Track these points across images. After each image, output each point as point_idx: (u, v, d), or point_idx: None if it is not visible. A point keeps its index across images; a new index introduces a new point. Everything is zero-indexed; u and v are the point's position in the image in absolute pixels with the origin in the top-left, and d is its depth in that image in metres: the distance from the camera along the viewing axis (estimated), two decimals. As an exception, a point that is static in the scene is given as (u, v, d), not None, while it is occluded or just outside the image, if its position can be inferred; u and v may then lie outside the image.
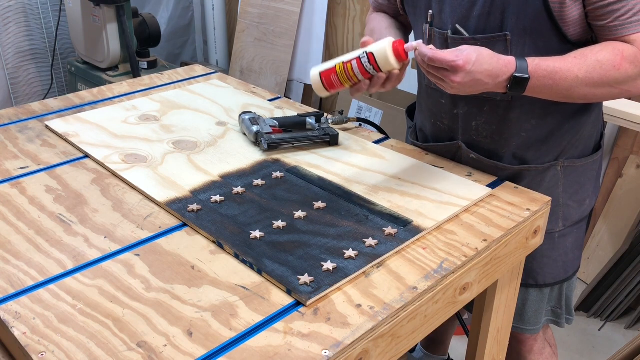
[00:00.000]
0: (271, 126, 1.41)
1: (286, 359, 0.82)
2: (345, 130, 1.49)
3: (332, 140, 1.40)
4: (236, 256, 1.02)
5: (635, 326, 2.29)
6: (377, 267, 1.00)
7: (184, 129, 1.49)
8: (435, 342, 1.90)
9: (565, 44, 1.14)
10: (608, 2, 1.07)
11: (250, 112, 1.47)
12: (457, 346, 2.04)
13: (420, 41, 1.08)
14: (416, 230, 1.08)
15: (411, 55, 1.12)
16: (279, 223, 1.10)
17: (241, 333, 0.86)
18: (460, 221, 1.13)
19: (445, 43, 1.23)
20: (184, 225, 1.12)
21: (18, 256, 1.03)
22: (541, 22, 1.12)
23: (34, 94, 3.29)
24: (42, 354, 0.82)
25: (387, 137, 1.47)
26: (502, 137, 1.28)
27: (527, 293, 1.40)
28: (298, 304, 0.92)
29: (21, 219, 1.13)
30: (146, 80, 1.84)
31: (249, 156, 1.36)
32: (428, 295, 0.96)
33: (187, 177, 1.26)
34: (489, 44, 1.14)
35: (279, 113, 1.57)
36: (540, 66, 1.09)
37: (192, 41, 3.87)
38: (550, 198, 1.21)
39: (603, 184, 2.39)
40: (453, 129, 1.35)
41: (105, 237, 1.07)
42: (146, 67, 3.03)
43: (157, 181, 1.24)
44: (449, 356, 1.93)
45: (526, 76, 1.08)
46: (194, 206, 1.14)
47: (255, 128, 1.39)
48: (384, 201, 1.17)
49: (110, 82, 2.70)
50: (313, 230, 1.08)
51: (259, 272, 0.98)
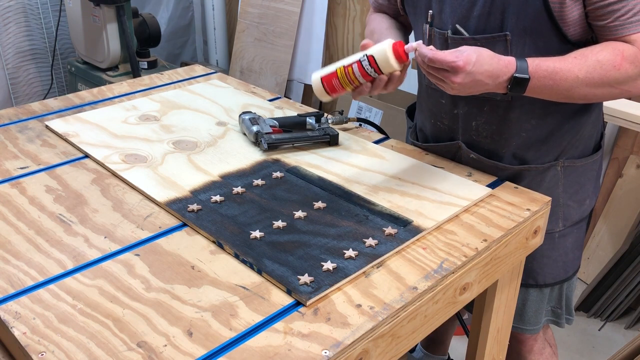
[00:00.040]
0: (271, 126, 1.41)
1: (286, 359, 0.82)
2: (345, 130, 1.49)
3: (332, 140, 1.40)
4: (236, 256, 1.02)
5: (635, 326, 2.29)
6: (377, 267, 1.00)
7: (184, 129, 1.49)
8: (435, 342, 1.90)
9: (565, 44, 1.14)
10: (608, 2, 1.07)
11: (250, 112, 1.47)
12: (457, 346, 2.04)
13: (420, 42, 1.08)
14: (416, 230, 1.08)
15: (411, 55, 1.12)
16: (279, 223, 1.10)
17: (241, 333, 0.86)
18: (460, 221, 1.13)
19: (445, 43, 1.23)
20: (184, 225, 1.12)
21: (18, 256, 1.03)
22: (541, 22, 1.12)
23: (34, 94, 3.28)
24: (42, 354, 0.82)
25: (387, 137, 1.47)
26: (502, 137, 1.28)
27: (527, 293, 1.40)
28: (298, 304, 0.92)
29: (21, 219, 1.13)
30: (146, 80, 1.84)
31: (249, 156, 1.36)
32: (428, 295, 0.96)
33: (187, 177, 1.26)
34: (489, 44, 1.14)
35: (279, 113, 1.57)
36: (540, 66, 1.09)
37: (192, 41, 3.87)
38: (550, 198, 1.21)
39: (603, 184, 2.39)
40: (453, 129, 1.35)
41: (105, 237, 1.07)
42: (146, 67, 3.03)
43: (157, 181, 1.24)
44: (449, 356, 1.93)
45: (526, 76, 1.08)
46: (194, 206, 1.14)
47: (255, 128, 1.39)
48: (384, 201, 1.17)
49: (110, 82, 2.70)
50: (313, 230, 1.08)
51: (259, 272, 0.98)
